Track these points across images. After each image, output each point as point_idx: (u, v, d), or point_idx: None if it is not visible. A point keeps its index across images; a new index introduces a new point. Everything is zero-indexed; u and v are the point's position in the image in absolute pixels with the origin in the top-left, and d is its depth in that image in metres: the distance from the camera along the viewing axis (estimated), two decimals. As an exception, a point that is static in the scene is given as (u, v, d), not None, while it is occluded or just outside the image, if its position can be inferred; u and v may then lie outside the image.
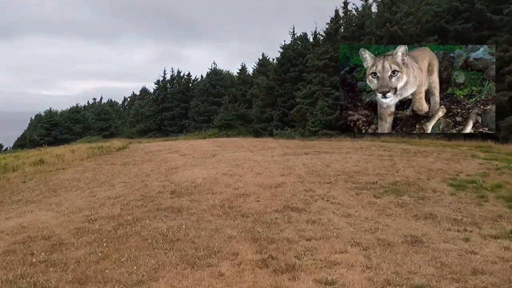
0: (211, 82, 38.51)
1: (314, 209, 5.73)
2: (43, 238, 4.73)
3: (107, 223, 5.32)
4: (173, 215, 5.64)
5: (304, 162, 10.13)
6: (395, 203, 6.02)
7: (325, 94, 23.15)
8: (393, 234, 4.39)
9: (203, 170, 9.55)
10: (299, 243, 4.16)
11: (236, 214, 5.53)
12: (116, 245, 4.31)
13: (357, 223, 4.92)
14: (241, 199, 6.52)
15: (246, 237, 4.44)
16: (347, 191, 6.89)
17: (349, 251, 3.87)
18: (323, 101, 22.89)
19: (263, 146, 16.59)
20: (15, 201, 8.78)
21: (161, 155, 14.39)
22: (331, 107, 21.99)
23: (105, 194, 7.72)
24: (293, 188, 7.20)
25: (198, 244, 4.25)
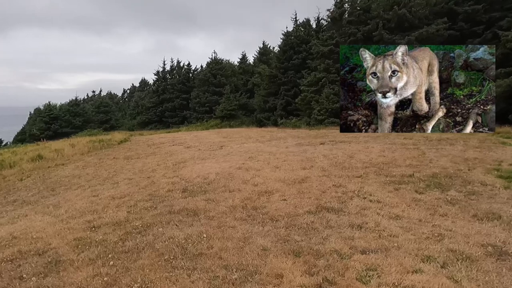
0: (211, 71, 37.41)
1: (353, 209, 4.91)
2: (37, 254, 3.92)
3: (113, 232, 4.51)
4: (189, 220, 4.82)
5: (323, 153, 9.30)
6: (444, 200, 5.20)
7: (330, 82, 22.20)
8: (465, 243, 3.58)
9: (215, 164, 8.72)
10: (353, 257, 3.34)
11: (263, 218, 4.71)
12: (126, 263, 3.50)
13: (413, 228, 4.10)
14: (264, 197, 5.70)
15: (284, 249, 3.62)
16: (382, 186, 6.07)
17: (423, 269, 3.05)
18: (329, 88, 21.96)
19: (272, 136, 15.76)
20: (10, 201, 7.98)
21: (165, 148, 13.56)
22: (338, 94, 21.08)
23: (109, 194, 6.91)
24: (320, 183, 6.38)
25: (227, 260, 3.43)
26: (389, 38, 19.84)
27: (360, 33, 21.44)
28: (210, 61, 38.60)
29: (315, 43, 24.71)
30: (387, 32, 20.20)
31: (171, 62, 42.55)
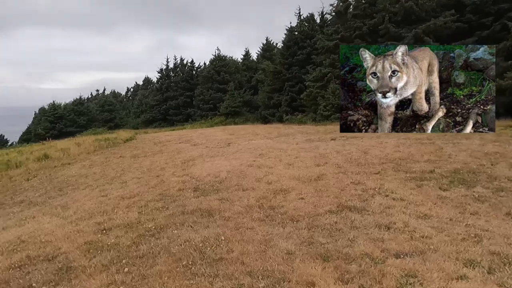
0: (215, 68, 37.12)
1: (376, 207, 4.65)
2: (46, 259, 3.71)
3: (125, 234, 4.28)
4: (204, 221, 4.59)
5: (336, 148, 9.03)
6: (472, 197, 4.93)
7: (336, 77, 21.84)
8: (507, 245, 3.31)
9: (224, 162, 8.48)
10: (387, 262, 3.08)
11: (282, 218, 4.46)
12: (141, 269, 3.27)
13: (445, 228, 3.83)
14: (280, 196, 5.46)
15: (310, 252, 3.37)
16: (403, 182, 5.79)
17: (469, 275, 2.78)
18: (334, 83, 21.60)
19: (279, 133, 15.50)
20: (17, 202, 7.81)
21: (172, 146, 13.35)
22: (343, 90, 20.74)
23: (118, 193, 6.70)
24: (337, 180, 6.12)
25: (250, 265, 3.18)
26: (395, 31, 19.42)
27: (365, 27, 21.02)
28: (214, 58, 38.31)
29: (320, 38, 24.32)
30: (394, 26, 19.77)
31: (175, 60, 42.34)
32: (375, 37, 20.67)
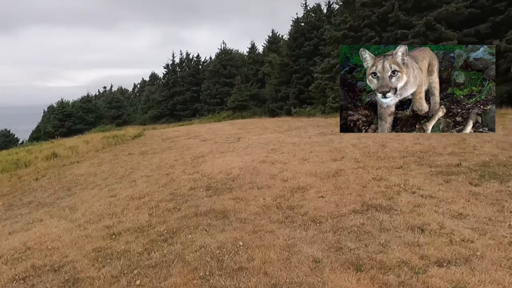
0: (221, 62, 36.72)
1: (404, 206, 4.30)
2: (52, 269, 3.45)
3: (136, 240, 4.01)
4: (219, 223, 4.29)
5: (351, 142, 8.64)
6: (508, 193, 4.54)
7: (345, 67, 21.30)
8: None
9: (236, 158, 8.18)
10: (429, 272, 2.74)
11: (303, 219, 4.14)
12: (154, 281, 2.99)
13: (486, 229, 3.47)
14: (298, 195, 5.13)
15: (339, 260, 3.05)
16: (429, 177, 5.41)
17: (528, 288, 2.45)
18: (344, 74, 21.09)
19: (290, 126, 15.14)
20: (26, 203, 7.64)
21: (180, 142, 13.09)
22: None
23: (127, 193, 6.45)
24: (357, 176, 5.77)
25: (274, 277, 2.88)
26: (405, 19, 18.74)
27: (374, 15, 20.35)
28: (220, 52, 37.88)
29: (327, 28, 23.70)
30: (404, 14, 19.08)
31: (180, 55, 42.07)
32: (384, 25, 20.03)
